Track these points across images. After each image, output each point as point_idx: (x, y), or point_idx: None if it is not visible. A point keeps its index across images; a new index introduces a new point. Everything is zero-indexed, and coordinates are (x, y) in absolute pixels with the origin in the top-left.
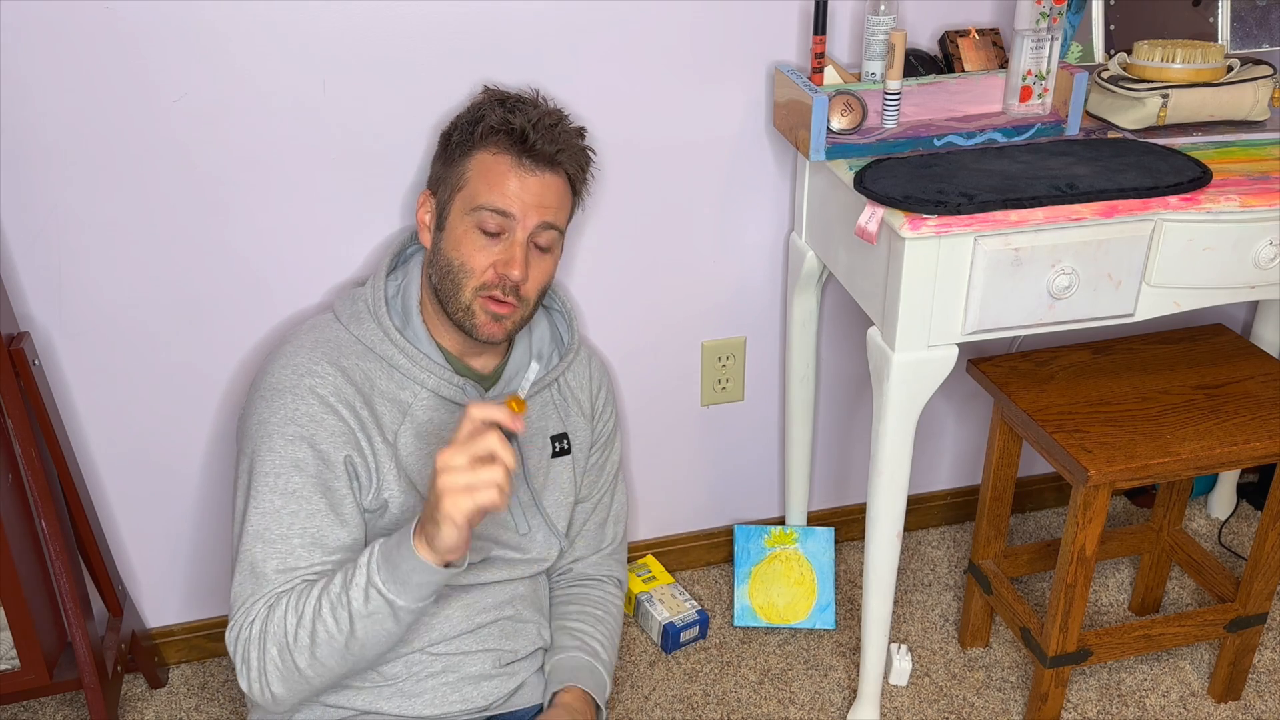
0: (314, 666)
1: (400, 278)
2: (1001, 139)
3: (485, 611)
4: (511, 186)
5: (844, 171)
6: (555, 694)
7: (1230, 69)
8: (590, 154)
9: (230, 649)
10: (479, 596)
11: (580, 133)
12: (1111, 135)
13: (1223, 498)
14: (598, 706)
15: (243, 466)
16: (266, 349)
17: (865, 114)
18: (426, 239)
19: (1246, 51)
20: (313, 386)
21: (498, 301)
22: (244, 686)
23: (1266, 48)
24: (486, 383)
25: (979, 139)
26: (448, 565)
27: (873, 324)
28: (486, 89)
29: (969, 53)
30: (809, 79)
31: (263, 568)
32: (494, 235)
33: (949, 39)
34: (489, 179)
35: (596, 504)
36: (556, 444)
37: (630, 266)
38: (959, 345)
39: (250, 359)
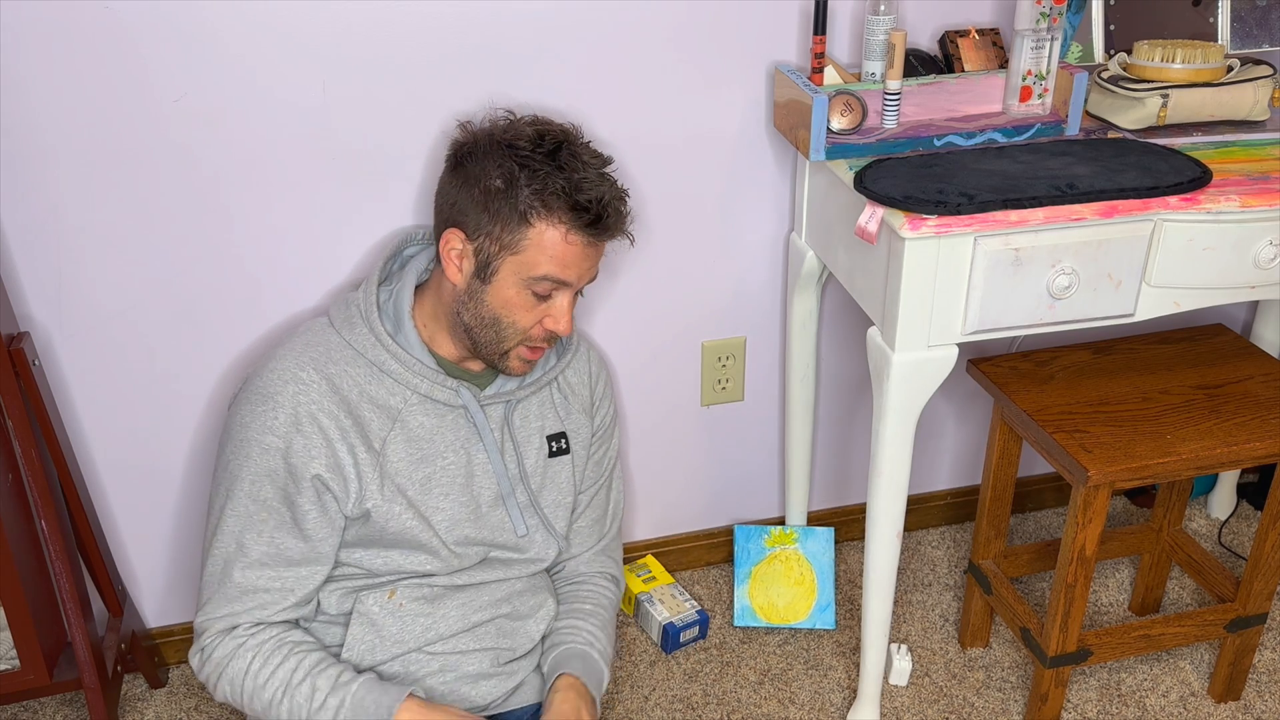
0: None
1: (394, 283)
2: (1001, 139)
3: (482, 610)
4: (576, 261)
5: (844, 171)
6: (549, 688)
7: (1230, 69)
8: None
9: (195, 635)
10: (475, 595)
11: (624, 193)
12: (1111, 135)
13: (1223, 498)
14: (594, 695)
15: (221, 463)
16: (265, 349)
17: (865, 114)
18: (456, 277)
19: (1246, 51)
20: (295, 395)
21: (534, 348)
22: (193, 665)
23: (1266, 48)
24: (480, 383)
25: (979, 139)
26: None
27: (873, 324)
28: (518, 119)
29: (969, 53)
30: (809, 79)
31: (230, 570)
32: (544, 295)
33: (949, 39)
34: (552, 253)
35: (593, 498)
36: (554, 444)
37: (630, 266)
38: (959, 345)
39: (249, 359)
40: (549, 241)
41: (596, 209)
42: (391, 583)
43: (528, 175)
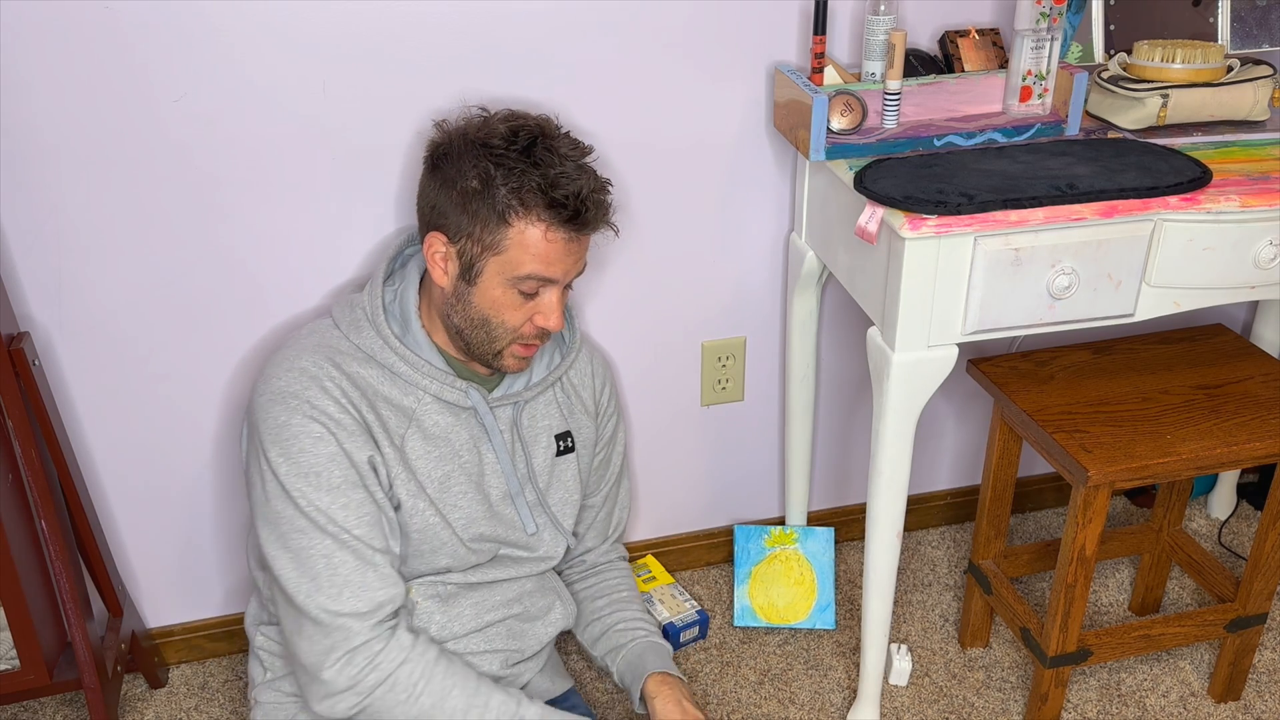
0: None
1: (397, 283)
2: (1001, 139)
3: (493, 610)
4: (560, 257)
5: (844, 171)
6: (642, 691)
7: (1230, 69)
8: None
9: (335, 643)
10: (487, 595)
11: (606, 184)
12: (1111, 135)
13: (1223, 498)
14: (680, 678)
15: (266, 471)
16: (265, 350)
17: (865, 114)
18: (443, 280)
19: (1246, 51)
20: (325, 388)
21: (527, 345)
22: (328, 676)
23: (1266, 48)
24: (489, 384)
25: (979, 139)
26: None
27: (873, 324)
28: (490, 115)
29: (969, 53)
30: (809, 79)
31: (340, 558)
32: (532, 293)
33: (949, 39)
34: (535, 251)
35: (606, 497)
36: (560, 442)
37: (630, 266)
38: (959, 345)
39: (249, 359)
40: (530, 240)
41: (574, 204)
42: (406, 581)
43: (503, 174)
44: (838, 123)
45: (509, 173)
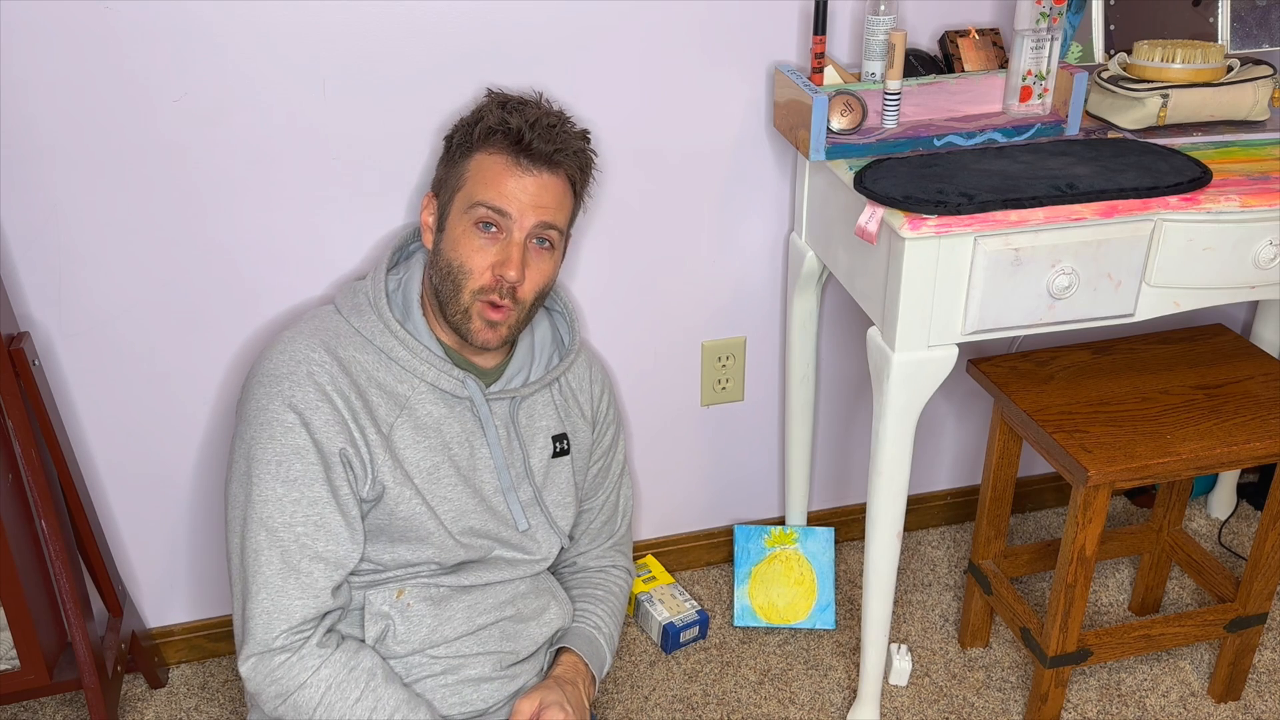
0: None
1: (402, 273)
2: (1001, 139)
3: (486, 613)
4: (508, 186)
5: (844, 171)
6: (553, 657)
7: (1230, 69)
8: (592, 155)
9: (243, 638)
10: (480, 598)
11: (583, 135)
12: (1111, 135)
13: (1223, 498)
14: (595, 675)
15: (240, 451)
16: (265, 346)
17: (865, 114)
18: (429, 240)
19: (1246, 51)
20: (311, 373)
21: (494, 307)
22: (241, 670)
23: (1266, 48)
24: (488, 378)
25: (979, 139)
26: None
27: (873, 324)
28: (490, 92)
29: (969, 53)
30: (809, 79)
31: (267, 557)
32: (492, 236)
33: (949, 39)
34: (485, 178)
35: (604, 504)
36: (557, 444)
37: (630, 266)
38: (959, 345)
39: (248, 358)
40: (480, 166)
41: (518, 126)
42: (399, 580)
43: (470, 120)
44: (838, 123)
45: (475, 116)
